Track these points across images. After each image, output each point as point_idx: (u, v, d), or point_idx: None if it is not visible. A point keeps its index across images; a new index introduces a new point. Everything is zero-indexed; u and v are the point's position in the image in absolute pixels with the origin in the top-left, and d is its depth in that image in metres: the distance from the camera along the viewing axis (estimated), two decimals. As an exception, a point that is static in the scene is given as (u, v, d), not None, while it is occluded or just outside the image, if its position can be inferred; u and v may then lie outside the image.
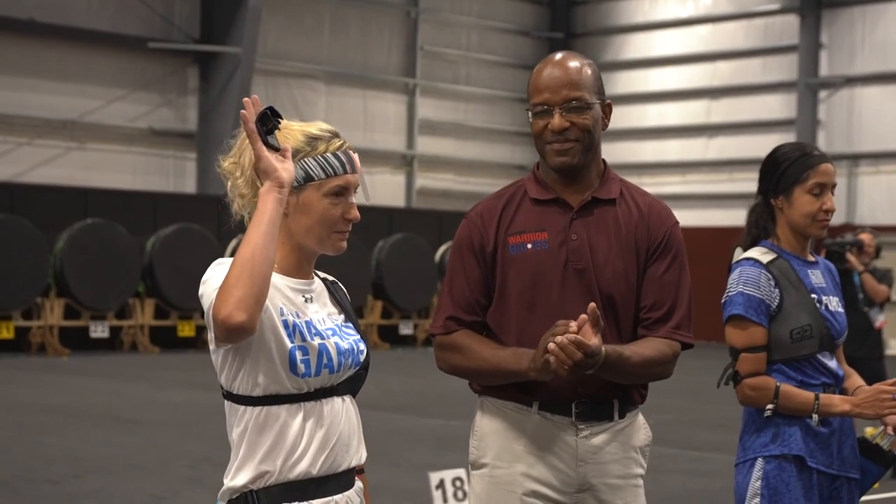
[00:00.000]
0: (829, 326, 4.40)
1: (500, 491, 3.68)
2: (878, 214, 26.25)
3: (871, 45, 26.73)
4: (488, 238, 3.74)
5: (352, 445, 3.21)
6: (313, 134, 3.22)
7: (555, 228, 3.72)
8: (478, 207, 3.83)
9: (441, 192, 29.36)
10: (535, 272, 3.69)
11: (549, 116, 3.69)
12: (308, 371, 3.11)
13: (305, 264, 3.26)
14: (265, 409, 3.11)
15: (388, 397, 15.23)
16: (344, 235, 3.23)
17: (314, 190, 3.18)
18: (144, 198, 22.82)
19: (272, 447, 3.10)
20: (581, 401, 3.69)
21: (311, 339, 3.13)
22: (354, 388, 3.27)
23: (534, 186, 3.79)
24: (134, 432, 12.15)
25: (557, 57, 3.78)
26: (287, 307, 3.14)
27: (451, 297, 3.78)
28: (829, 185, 4.42)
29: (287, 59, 26.70)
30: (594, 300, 3.66)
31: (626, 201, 3.82)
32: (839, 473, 4.40)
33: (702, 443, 12.21)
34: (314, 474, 3.12)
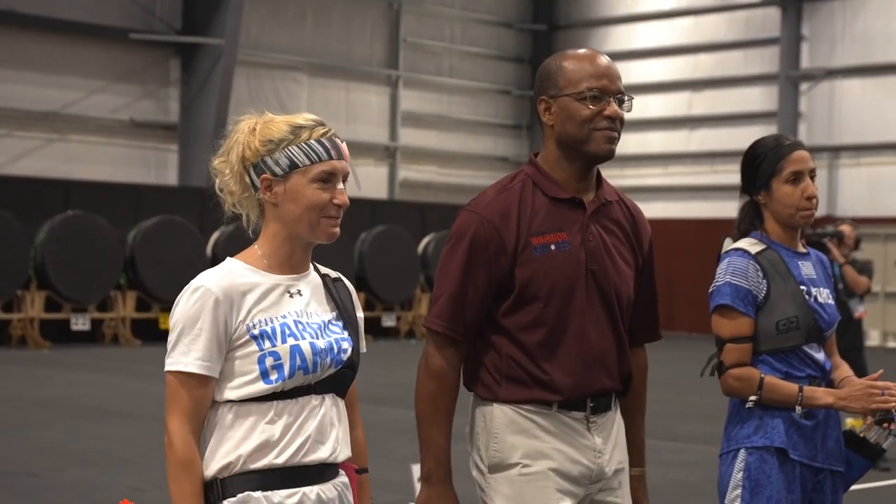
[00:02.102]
0: (817, 318, 4.39)
1: (535, 488, 3.66)
2: (859, 206, 26.33)
3: (851, 37, 26.79)
4: (508, 239, 3.67)
5: (326, 441, 3.20)
6: (297, 123, 3.24)
7: (572, 229, 3.72)
8: (491, 205, 3.71)
9: (424, 185, 29.35)
10: (559, 274, 3.68)
11: (603, 103, 3.69)
12: (281, 376, 3.14)
13: (298, 255, 3.27)
14: (236, 407, 3.16)
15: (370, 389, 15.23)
16: (335, 221, 3.24)
17: (300, 176, 3.20)
18: (126, 190, 22.76)
19: (240, 441, 3.14)
20: (595, 396, 3.73)
21: (284, 341, 3.15)
22: (337, 387, 3.27)
23: (546, 183, 3.74)
24: (116, 425, 12.12)
25: (591, 50, 3.79)
26: (259, 315, 3.17)
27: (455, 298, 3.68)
28: (806, 170, 4.40)
29: (269, 51, 26.64)
30: (610, 300, 3.75)
31: (620, 203, 3.88)
32: (823, 466, 4.39)
33: (683, 434, 12.24)
34: (278, 465, 3.13)
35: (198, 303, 3.14)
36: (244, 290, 3.18)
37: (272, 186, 3.21)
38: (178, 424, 3.11)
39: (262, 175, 3.21)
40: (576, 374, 3.67)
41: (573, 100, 3.69)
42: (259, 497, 3.12)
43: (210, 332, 3.12)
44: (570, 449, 3.69)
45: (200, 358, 3.12)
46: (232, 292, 3.16)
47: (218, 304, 3.13)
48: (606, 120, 3.69)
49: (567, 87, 3.70)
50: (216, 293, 3.14)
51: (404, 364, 19.34)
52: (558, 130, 3.73)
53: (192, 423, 3.13)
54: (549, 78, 3.75)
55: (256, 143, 3.22)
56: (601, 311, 3.73)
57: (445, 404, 3.70)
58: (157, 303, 21.45)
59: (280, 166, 3.19)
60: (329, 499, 3.21)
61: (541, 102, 3.77)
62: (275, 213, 3.22)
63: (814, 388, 4.34)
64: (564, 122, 3.71)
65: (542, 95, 3.76)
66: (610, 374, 3.74)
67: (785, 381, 4.33)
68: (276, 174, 3.20)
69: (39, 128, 23.71)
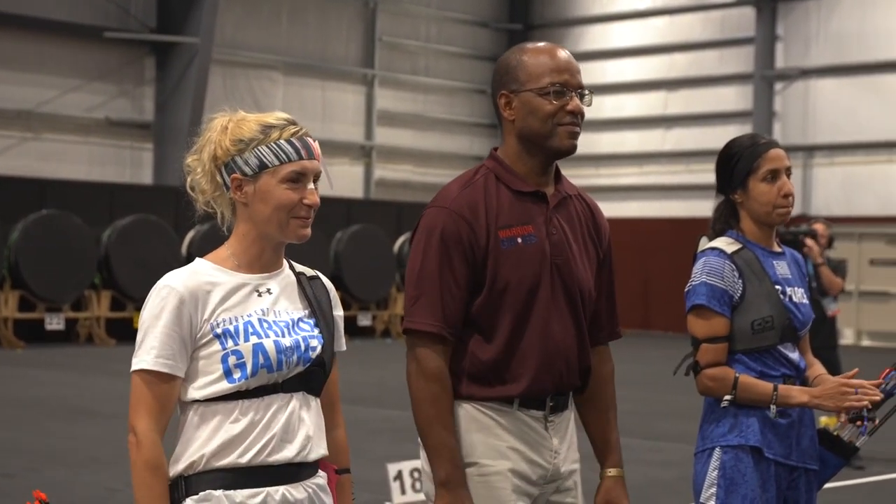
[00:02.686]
0: (791, 318, 4.40)
1: (491, 488, 3.64)
2: (833, 205, 26.44)
3: (826, 37, 26.90)
4: (480, 232, 3.63)
5: (294, 440, 3.19)
6: (268, 122, 3.23)
7: (537, 222, 3.70)
8: (458, 200, 3.66)
9: (400, 184, 29.34)
10: (527, 267, 3.65)
11: (565, 98, 3.67)
12: (244, 374, 3.14)
13: (268, 254, 3.27)
14: (201, 407, 3.16)
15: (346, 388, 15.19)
16: (305, 222, 3.23)
17: (270, 177, 3.19)
18: (101, 189, 22.68)
19: (205, 440, 3.14)
20: (553, 395, 3.71)
21: (247, 339, 3.15)
22: (308, 385, 3.25)
23: (508, 176, 3.72)
24: (91, 425, 12.09)
25: (550, 44, 3.77)
26: (223, 314, 3.17)
27: (437, 297, 3.61)
28: (782, 168, 4.41)
29: (245, 50, 26.59)
30: (573, 295, 3.73)
31: (579, 198, 3.87)
32: (798, 465, 4.41)
33: (660, 432, 12.27)
34: (242, 464, 3.13)
35: (163, 302, 3.14)
36: (209, 289, 3.18)
37: (242, 186, 3.21)
38: (145, 425, 3.11)
39: (233, 175, 3.21)
40: (538, 369, 3.65)
41: (535, 95, 3.67)
42: (220, 496, 3.11)
43: (174, 332, 3.13)
44: (527, 449, 3.66)
45: (163, 356, 3.12)
46: (197, 292, 3.16)
47: (183, 304, 3.13)
48: (569, 115, 3.67)
49: (528, 82, 3.68)
50: (181, 293, 3.14)
51: (380, 363, 19.34)
52: (520, 125, 3.70)
53: (158, 424, 3.13)
54: (509, 72, 3.71)
55: (227, 142, 3.22)
56: (564, 306, 3.71)
57: (448, 405, 3.62)
58: (132, 302, 21.37)
59: (250, 166, 3.19)
60: (297, 500, 3.19)
61: (501, 97, 3.73)
62: (245, 212, 3.23)
63: (788, 386, 4.35)
64: (526, 117, 3.68)
65: (501, 90, 3.73)
66: (570, 369, 3.73)
67: (760, 381, 4.34)
68: (246, 174, 3.20)
69: (14, 126, 23.60)
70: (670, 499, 9.17)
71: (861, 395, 4.26)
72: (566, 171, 3.99)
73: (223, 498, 3.11)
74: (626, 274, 27.77)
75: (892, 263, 25.95)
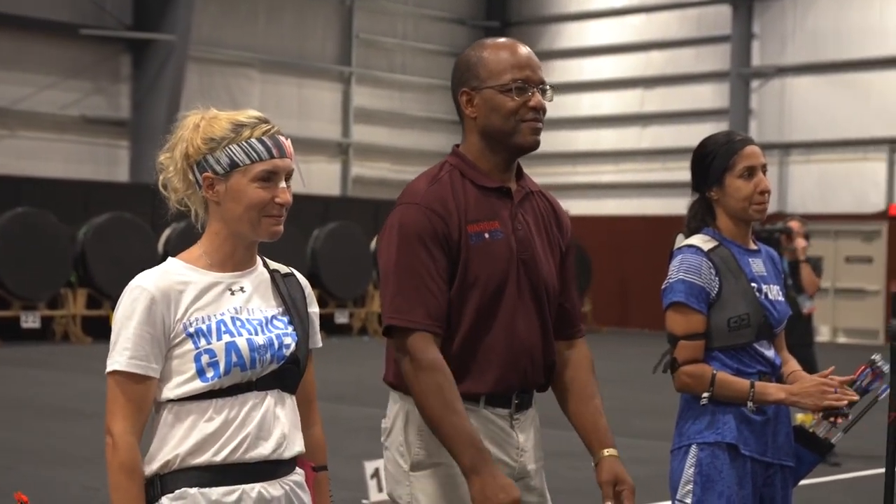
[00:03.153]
0: (767, 315, 4.42)
1: (458, 488, 3.60)
2: (809, 203, 26.53)
3: (802, 35, 26.99)
4: (453, 227, 3.60)
5: (269, 438, 3.19)
6: (240, 121, 3.22)
7: (503, 217, 3.68)
8: (428, 196, 3.62)
9: (377, 181, 29.32)
10: (494, 263, 3.63)
11: (527, 94, 3.65)
12: (217, 373, 3.13)
13: (241, 253, 3.26)
14: (175, 406, 3.16)
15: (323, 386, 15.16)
16: (277, 220, 3.21)
17: (241, 176, 3.18)
18: (76, 186, 22.60)
19: (180, 439, 3.13)
20: (519, 392, 3.70)
21: (219, 338, 3.15)
22: (283, 382, 3.25)
23: (473, 172, 3.69)
24: (68, 423, 12.05)
25: (510, 40, 3.74)
26: (196, 313, 3.16)
27: (422, 293, 3.55)
28: (759, 165, 4.43)
29: (221, 47, 26.53)
30: (538, 291, 3.70)
31: (540, 194, 3.85)
32: (773, 461, 4.43)
33: (636, 430, 12.29)
34: (217, 462, 3.13)
35: (134, 303, 3.14)
36: (182, 289, 3.17)
37: (214, 185, 3.20)
38: (120, 427, 3.11)
39: (204, 174, 3.21)
40: (504, 366, 3.62)
41: (497, 92, 3.64)
42: (195, 494, 3.11)
43: (147, 332, 3.12)
44: (494, 447, 3.63)
45: (136, 357, 3.12)
46: (169, 292, 3.15)
47: (155, 304, 3.13)
48: (532, 111, 3.65)
49: (490, 79, 3.65)
50: (153, 293, 3.14)
51: (358, 361, 19.33)
52: (482, 123, 3.68)
53: (135, 425, 3.12)
54: (470, 69, 3.69)
55: (199, 140, 3.21)
56: (529, 302, 3.68)
57: (454, 392, 3.51)
58: (108, 300, 21.28)
59: (221, 165, 3.19)
60: (274, 497, 3.19)
61: (462, 94, 3.71)
62: (217, 211, 3.22)
63: (765, 383, 4.37)
64: (489, 114, 3.66)
65: (462, 87, 3.70)
66: (535, 366, 3.70)
67: (737, 378, 4.36)
68: (217, 173, 3.19)
69: (-11, 124, 23.53)
70: (647, 496, 9.19)
71: (840, 394, 4.28)
72: (543, 169, 4.00)
73: (199, 496, 3.11)
74: (604, 271, 27.83)
75: (867, 261, 26.06)
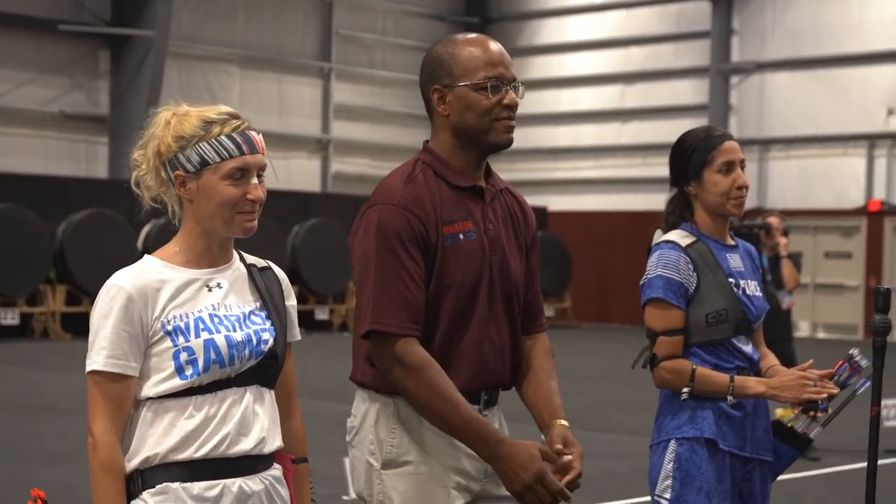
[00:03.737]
0: (745, 311, 4.43)
1: (430, 486, 3.60)
2: (789, 199, 26.61)
3: (781, 31, 27.05)
4: (430, 228, 3.57)
5: (250, 433, 3.19)
6: (209, 118, 3.20)
7: (476, 217, 3.66)
8: (405, 196, 3.58)
9: (357, 177, 29.28)
10: (469, 264, 3.61)
11: (501, 92, 3.61)
12: (196, 370, 3.13)
13: (216, 249, 3.25)
14: (154, 404, 3.15)
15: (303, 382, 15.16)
16: (250, 216, 3.20)
17: (212, 173, 3.17)
18: (55, 183, 22.53)
19: (160, 437, 3.13)
20: (487, 390, 3.68)
21: (198, 335, 3.14)
22: (262, 378, 3.24)
23: (446, 171, 3.66)
24: (47, 420, 12.01)
25: (481, 36, 3.71)
26: (174, 311, 3.15)
27: (402, 296, 3.51)
28: (737, 161, 4.43)
29: (201, 43, 26.47)
30: (509, 290, 3.69)
31: (507, 191, 3.83)
32: (752, 456, 4.44)
33: (616, 425, 12.31)
34: (198, 458, 3.12)
35: (111, 302, 3.13)
36: (158, 287, 3.16)
37: (186, 183, 3.19)
38: (101, 426, 3.10)
39: (176, 172, 3.19)
40: (476, 366, 3.60)
41: (471, 90, 3.60)
42: (177, 488, 3.11)
43: (125, 331, 3.11)
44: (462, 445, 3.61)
45: (115, 356, 3.11)
46: (146, 290, 3.14)
47: (132, 303, 3.12)
48: (506, 109, 3.61)
49: (463, 77, 3.61)
50: (129, 291, 3.13)
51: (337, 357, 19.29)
52: (455, 121, 3.64)
53: (115, 424, 3.12)
54: (442, 66, 3.64)
55: (169, 138, 3.19)
56: (501, 302, 3.67)
57: (449, 383, 3.49)
58: (88, 297, 21.21)
59: (192, 164, 3.17)
60: (254, 491, 3.19)
61: (434, 92, 3.66)
62: (190, 208, 3.21)
63: (745, 377, 4.38)
64: (463, 112, 3.62)
65: (434, 84, 3.65)
66: (504, 365, 3.69)
67: (716, 372, 4.37)
68: (188, 171, 3.18)
69: (-33, 120, 23.43)
70: (625, 491, 9.20)
71: (819, 387, 4.29)
72: (524, 165, 4.00)
73: (180, 490, 3.11)
74: (584, 267, 27.86)
75: (846, 256, 26.15)
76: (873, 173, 25.96)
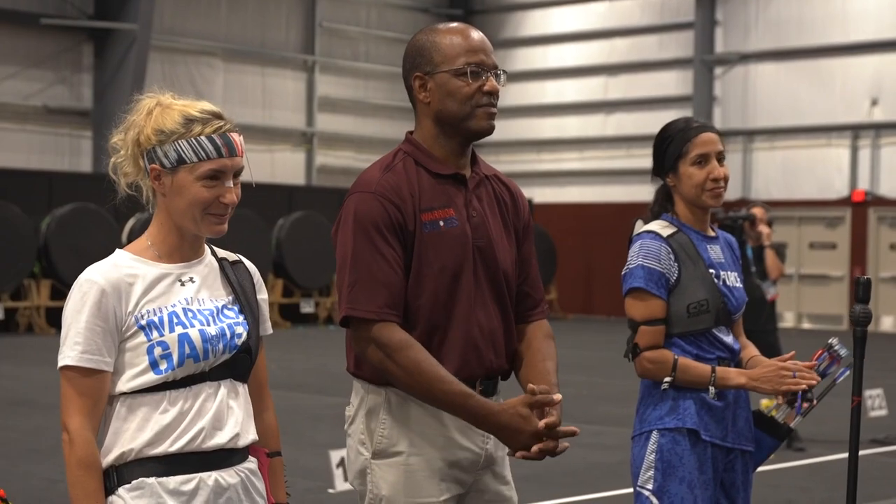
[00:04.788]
0: (726, 301, 4.44)
1: (419, 477, 3.61)
2: (773, 189, 26.66)
3: (765, 22, 27.09)
4: (407, 215, 3.58)
5: (224, 427, 3.18)
6: (191, 115, 3.18)
7: (458, 205, 3.67)
8: (382, 184, 3.59)
9: (341, 170, 29.26)
10: (450, 251, 3.62)
11: (482, 78, 3.63)
12: (170, 365, 3.12)
13: (188, 244, 3.25)
14: (128, 399, 3.14)
15: (289, 376, 15.19)
16: (221, 219, 3.20)
17: (187, 172, 3.16)
18: (39, 177, 22.48)
19: (135, 432, 3.12)
20: (483, 379, 3.69)
21: (172, 330, 3.13)
22: (235, 372, 3.24)
23: (427, 160, 3.67)
24: (30, 415, 11.99)
25: (463, 24, 3.73)
26: (147, 305, 3.15)
27: (378, 282, 3.53)
28: (713, 153, 4.42)
29: (184, 36, 26.41)
30: (496, 277, 3.69)
31: (496, 178, 3.83)
32: (734, 446, 4.45)
33: (601, 417, 12.33)
34: (174, 452, 3.12)
35: (84, 297, 3.12)
36: (131, 281, 3.15)
37: (161, 177, 3.18)
38: (77, 422, 3.09)
39: (152, 165, 3.18)
40: (465, 354, 3.61)
41: (451, 76, 3.62)
42: (153, 483, 3.11)
43: (98, 326, 3.10)
44: (458, 434, 3.63)
45: (89, 351, 3.10)
46: (119, 284, 3.13)
47: (105, 297, 3.11)
48: (487, 96, 3.63)
49: (443, 63, 3.63)
50: (103, 286, 3.12)
51: (323, 350, 19.31)
52: (436, 108, 3.65)
53: (92, 420, 3.11)
54: (422, 54, 3.66)
55: (149, 130, 3.18)
56: (488, 289, 3.67)
57: (432, 360, 3.50)
58: (72, 291, 21.17)
59: (169, 159, 3.16)
60: (230, 485, 3.19)
61: (415, 79, 3.68)
62: (163, 202, 3.21)
63: (726, 368, 4.39)
64: (444, 99, 3.64)
65: (415, 72, 3.67)
66: (498, 352, 3.69)
67: (698, 363, 4.38)
68: (164, 166, 3.17)
69: (-51, 114, 23.35)
70: (610, 482, 9.22)
71: (799, 378, 4.30)
72: (508, 157, 4.00)
73: (156, 485, 3.11)
74: (568, 259, 27.89)
75: (831, 247, 26.21)
76: (857, 164, 26.03)
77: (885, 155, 25.83)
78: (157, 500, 3.10)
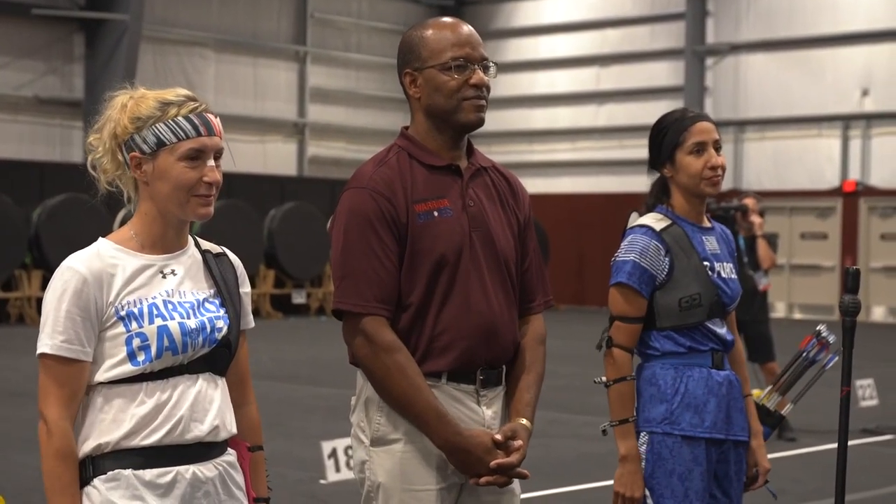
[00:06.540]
0: (720, 294, 4.43)
1: (415, 465, 3.63)
2: (764, 180, 26.69)
3: (755, 12, 27.10)
4: (400, 208, 3.62)
5: (203, 420, 3.17)
6: (166, 99, 3.19)
7: (453, 195, 3.70)
8: (374, 179, 3.65)
9: (333, 161, 29.25)
10: (445, 240, 3.64)
11: (468, 72, 3.67)
12: (148, 357, 3.11)
13: (171, 234, 3.23)
14: (105, 389, 3.13)
15: (280, 366, 15.19)
16: (206, 200, 3.19)
17: (168, 154, 3.15)
18: (30, 167, 22.46)
19: (111, 423, 3.11)
20: (484, 368, 3.70)
21: (151, 322, 3.12)
22: (214, 365, 3.23)
23: (420, 152, 3.72)
24: (23, 406, 11.98)
25: (452, 19, 3.78)
26: (128, 296, 3.13)
27: (368, 276, 3.59)
28: (709, 141, 4.43)
29: (175, 27, 26.36)
30: (498, 265, 3.72)
31: (494, 170, 3.86)
32: (726, 437, 4.46)
33: (593, 407, 12.34)
34: (150, 444, 3.11)
35: (65, 285, 3.11)
36: (113, 272, 3.14)
37: (142, 165, 3.17)
38: (56, 412, 3.08)
39: (132, 153, 3.18)
40: (465, 342, 3.63)
41: (438, 71, 3.68)
42: (129, 475, 3.10)
43: (78, 315, 3.10)
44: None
45: (67, 341, 3.09)
46: (101, 274, 3.12)
47: (86, 286, 3.10)
48: (473, 89, 3.67)
49: (431, 59, 3.69)
50: (84, 275, 3.11)
51: (314, 341, 19.31)
52: (426, 102, 3.72)
53: (70, 410, 3.10)
54: (412, 50, 3.72)
55: (126, 120, 3.18)
56: (489, 277, 3.69)
57: (416, 369, 3.57)
58: (64, 282, 21.15)
59: (148, 144, 3.15)
60: (207, 478, 3.18)
61: (406, 75, 3.74)
62: (146, 191, 3.19)
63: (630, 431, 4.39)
64: (432, 93, 3.69)
65: (406, 68, 3.74)
66: (501, 340, 3.71)
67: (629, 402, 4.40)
68: (144, 152, 3.16)
69: (-60, 105, 23.29)
70: (602, 473, 9.23)
71: None
72: (500, 148, 4.01)
73: (132, 477, 3.10)
74: (561, 249, 27.90)
75: (822, 237, 26.25)
76: (848, 154, 26.06)
77: (875, 145, 25.86)
78: (133, 493, 3.09)
